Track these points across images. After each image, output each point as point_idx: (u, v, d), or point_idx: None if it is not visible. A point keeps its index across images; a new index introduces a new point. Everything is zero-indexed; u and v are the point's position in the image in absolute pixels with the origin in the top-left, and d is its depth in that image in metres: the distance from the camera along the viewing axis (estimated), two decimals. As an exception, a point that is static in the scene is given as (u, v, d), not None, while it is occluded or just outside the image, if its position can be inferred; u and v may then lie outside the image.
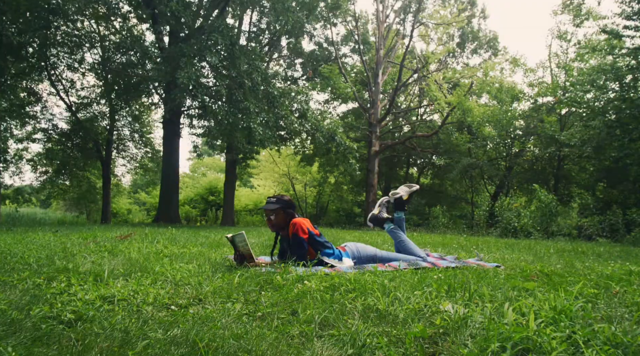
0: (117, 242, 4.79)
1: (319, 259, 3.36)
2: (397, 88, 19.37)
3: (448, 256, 4.27)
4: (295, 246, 3.33)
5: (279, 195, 3.52)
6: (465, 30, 23.46)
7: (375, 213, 3.97)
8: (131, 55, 14.96)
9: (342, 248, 3.60)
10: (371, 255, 3.60)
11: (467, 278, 2.67)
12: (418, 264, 3.45)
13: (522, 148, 17.20)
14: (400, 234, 3.86)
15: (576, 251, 7.36)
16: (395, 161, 24.09)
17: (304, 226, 3.35)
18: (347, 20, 21.41)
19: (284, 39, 21.33)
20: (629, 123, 13.19)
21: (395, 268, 3.27)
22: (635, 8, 12.86)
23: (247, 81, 12.74)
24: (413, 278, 2.72)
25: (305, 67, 22.38)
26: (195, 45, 12.22)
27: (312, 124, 14.89)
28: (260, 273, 2.78)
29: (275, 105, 13.77)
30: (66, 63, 16.82)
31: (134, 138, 21.22)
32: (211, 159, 43.28)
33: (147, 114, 21.78)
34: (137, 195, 34.17)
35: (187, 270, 2.75)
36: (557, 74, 18.01)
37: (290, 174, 27.27)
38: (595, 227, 12.20)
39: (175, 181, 16.43)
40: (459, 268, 3.42)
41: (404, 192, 3.95)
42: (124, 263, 3.08)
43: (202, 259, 3.49)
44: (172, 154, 16.23)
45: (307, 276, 2.61)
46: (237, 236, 3.19)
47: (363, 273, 2.87)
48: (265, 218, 3.54)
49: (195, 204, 27.35)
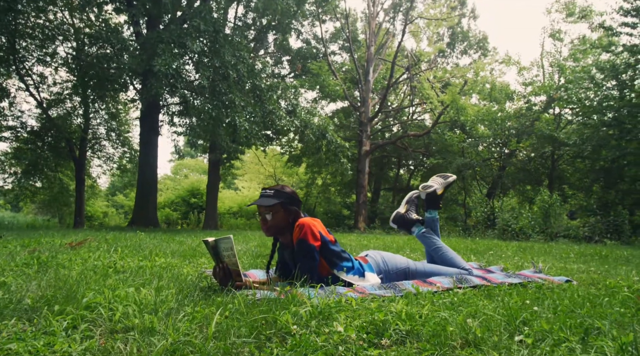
0: (62, 251, 3.75)
1: (334, 275, 2.41)
2: (389, 85, 18.55)
3: (492, 267, 3.35)
4: (302, 257, 2.34)
5: (277, 186, 2.50)
6: (455, 30, 22.96)
7: (402, 212, 3.01)
8: (107, 47, 13.86)
9: (363, 259, 2.63)
10: (402, 268, 2.64)
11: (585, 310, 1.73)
12: (468, 280, 2.51)
13: (517, 148, 16.54)
14: (435, 240, 2.91)
15: (599, 255, 6.61)
16: (385, 161, 23.29)
17: (315, 230, 2.37)
18: (336, 17, 20.61)
19: (271, 35, 20.47)
20: (625, 122, 12.67)
21: (441, 287, 2.33)
22: (634, 4, 12.28)
23: (232, 73, 11.73)
24: (495, 308, 1.77)
25: (293, 65, 21.53)
26: (175, 32, 11.17)
27: (302, 121, 13.92)
28: (254, 301, 1.81)
29: (263, 99, 12.77)
30: (37, 56, 15.63)
31: (110, 137, 20.10)
32: (193, 161, 42.04)
33: (125, 112, 20.68)
34: (114, 198, 32.74)
35: (137, 300, 1.75)
36: (551, 73, 17.48)
37: (277, 176, 26.27)
38: (599, 228, 11.54)
39: (153, 182, 15.28)
40: (524, 285, 2.50)
41: (439, 184, 3.00)
42: (49, 284, 2.07)
43: (167, 277, 2.49)
44: (150, 152, 15.10)
45: (329, 308, 1.65)
46: (222, 241, 2.19)
47: (412, 300, 1.91)
48: (259, 218, 2.53)
49: (176, 206, 26.13)
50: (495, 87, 18.50)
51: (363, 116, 19.04)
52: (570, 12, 15.97)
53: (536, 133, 15.50)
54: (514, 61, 18.56)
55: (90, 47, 15.42)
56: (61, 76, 21.96)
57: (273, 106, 12.91)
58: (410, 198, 3.11)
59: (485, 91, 19.13)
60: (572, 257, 6.19)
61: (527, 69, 18.01)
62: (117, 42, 12.86)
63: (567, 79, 15.39)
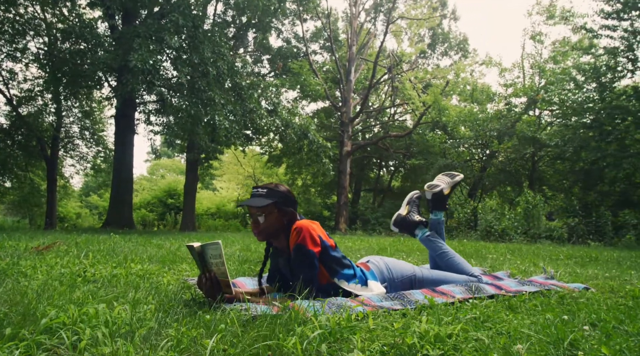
0: (26, 256, 3.39)
1: (334, 284, 2.15)
2: (370, 85, 18.40)
3: (499, 272, 3.14)
4: (300, 265, 2.08)
5: (271, 184, 2.23)
6: (436, 31, 23.03)
7: (403, 214, 2.78)
8: (80, 43, 13.31)
9: (365, 266, 2.38)
10: (408, 276, 2.40)
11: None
12: (482, 289, 2.29)
13: (498, 149, 16.59)
14: (441, 244, 2.68)
15: (590, 257, 6.54)
16: (365, 162, 23.15)
17: (315, 234, 2.10)
18: (317, 16, 20.40)
19: (251, 34, 20.14)
20: (605, 124, 12.81)
21: (455, 297, 2.10)
22: (615, 7, 12.40)
23: (211, 70, 11.36)
24: (529, 326, 1.54)
25: (273, 64, 21.24)
26: (152, 27, 10.74)
27: (283, 120, 13.62)
28: (248, 319, 1.55)
29: (243, 97, 12.42)
30: (6, 52, 14.97)
31: (84, 136, 19.51)
32: (170, 161, 41.22)
33: (100, 110, 20.07)
34: (88, 198, 31.80)
35: (109, 319, 1.46)
36: (532, 74, 17.62)
37: (256, 176, 25.88)
38: (582, 229, 11.58)
39: (129, 182, 14.77)
40: (543, 293, 2.29)
41: (445, 184, 2.78)
42: (3, 299, 1.76)
43: (145, 288, 2.19)
44: (126, 151, 14.59)
45: (340, 327, 1.39)
46: (210, 247, 1.89)
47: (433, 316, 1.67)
48: (250, 220, 2.25)
49: (152, 207, 25.48)
50: (477, 89, 18.55)
51: (344, 116, 18.85)
52: (551, 15, 16.09)
53: (518, 134, 15.56)
54: (495, 62, 18.67)
55: (62, 43, 14.83)
56: (32, 73, 21.16)
57: (254, 104, 12.58)
58: (411, 198, 2.87)
59: (467, 92, 19.18)
60: (562, 259, 6.10)
61: (509, 71, 18.11)
62: (92, 38, 12.35)
63: (549, 81, 15.50)
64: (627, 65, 12.58)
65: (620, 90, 13.08)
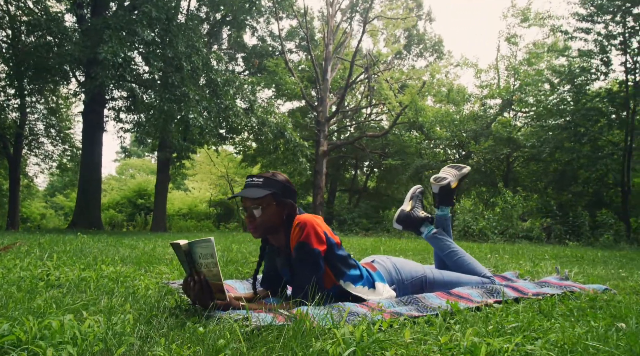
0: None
1: (338, 287, 1.90)
2: (347, 85, 18.23)
3: (506, 273, 2.94)
4: (303, 265, 1.82)
5: (267, 173, 1.95)
6: (411, 32, 23.06)
7: (407, 211, 2.54)
8: (46, 36, 12.65)
9: (370, 266, 2.13)
10: (418, 277, 2.17)
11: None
12: (500, 292, 2.07)
13: (474, 150, 16.68)
14: (449, 242, 2.46)
15: (575, 257, 6.52)
16: (341, 162, 22.99)
17: (320, 230, 1.83)
18: (293, 14, 20.14)
19: (225, 31, 19.72)
20: (580, 125, 13.02)
21: (474, 300, 1.87)
22: (589, 10, 12.58)
23: (185, 64, 10.95)
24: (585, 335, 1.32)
25: (247, 62, 20.87)
26: (123, 18, 10.26)
27: (260, 118, 13.29)
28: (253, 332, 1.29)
29: (219, 94, 12.03)
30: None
31: (49, 134, 18.69)
32: (140, 160, 40.16)
33: (66, 107, 19.28)
34: (54, 199, 30.61)
35: (79, 334, 1.17)
36: (507, 76, 17.81)
37: (229, 176, 25.35)
38: (559, 229, 11.69)
39: (97, 181, 14.15)
40: (569, 295, 2.10)
41: (452, 176, 2.55)
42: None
43: (120, 293, 1.89)
44: (94, 149, 13.98)
45: (366, 342, 1.14)
46: (199, 245, 1.60)
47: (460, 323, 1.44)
48: (244, 214, 1.97)
49: (121, 207, 24.68)
50: (453, 89, 18.62)
51: (321, 115, 18.63)
52: (525, 18, 16.28)
53: (494, 135, 15.66)
54: (472, 63, 18.80)
55: (27, 36, 14.10)
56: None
57: (230, 101, 12.21)
58: (414, 193, 2.64)
59: (442, 93, 19.25)
60: (547, 259, 6.02)
61: (485, 71, 18.25)
62: (59, 32, 11.75)
63: (524, 82, 15.67)
64: (601, 67, 12.79)
65: (594, 92, 13.31)
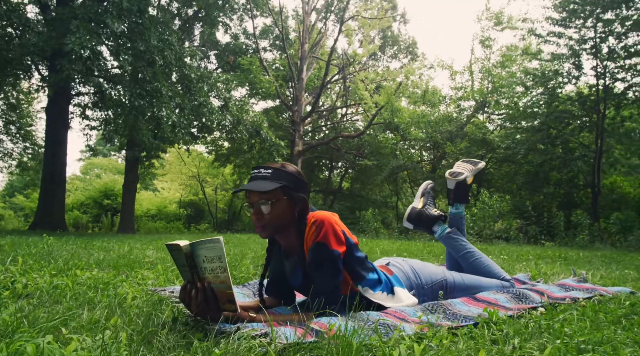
0: None
1: (355, 293, 1.66)
2: (323, 84, 18.04)
3: (519, 275, 2.77)
4: (321, 269, 1.58)
5: (276, 164, 1.69)
6: (386, 34, 23.09)
7: (418, 208, 2.32)
8: (6, 27, 11.93)
9: (386, 269, 1.88)
10: (439, 281, 1.95)
11: None
12: (528, 296, 1.88)
13: (449, 151, 16.77)
14: (465, 243, 2.26)
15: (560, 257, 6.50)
16: (315, 163, 22.78)
17: (338, 230, 1.60)
18: (268, 12, 19.84)
19: (197, 28, 19.25)
20: (552, 127, 13.23)
21: (505, 307, 1.67)
22: (562, 15, 12.79)
23: (158, 59, 10.50)
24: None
25: (220, 60, 20.41)
26: (92, 9, 9.74)
27: (234, 116, 12.92)
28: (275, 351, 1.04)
29: (192, 90, 11.62)
30: None
31: (9, 131, 17.81)
32: (106, 160, 38.86)
33: (28, 103, 18.39)
34: (13, 199, 29.25)
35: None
36: (482, 78, 18.00)
37: (200, 176, 24.75)
38: (534, 230, 11.81)
39: (60, 180, 13.46)
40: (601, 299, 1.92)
41: (468, 171, 2.35)
42: None
43: (102, 304, 1.60)
44: (58, 147, 13.31)
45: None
46: (204, 247, 1.31)
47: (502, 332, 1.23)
48: (249, 211, 1.69)
49: (86, 208, 23.71)
50: (428, 91, 18.70)
51: (296, 115, 18.38)
52: (499, 21, 16.49)
53: (469, 136, 15.77)
54: (447, 65, 18.93)
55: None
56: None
57: (204, 98, 11.81)
58: (426, 189, 2.43)
59: (417, 94, 19.31)
60: (532, 259, 5.96)
61: (460, 73, 18.40)
62: (20, 23, 11.08)
63: (498, 84, 15.85)
64: (572, 71, 13.03)
65: (566, 95, 13.55)
